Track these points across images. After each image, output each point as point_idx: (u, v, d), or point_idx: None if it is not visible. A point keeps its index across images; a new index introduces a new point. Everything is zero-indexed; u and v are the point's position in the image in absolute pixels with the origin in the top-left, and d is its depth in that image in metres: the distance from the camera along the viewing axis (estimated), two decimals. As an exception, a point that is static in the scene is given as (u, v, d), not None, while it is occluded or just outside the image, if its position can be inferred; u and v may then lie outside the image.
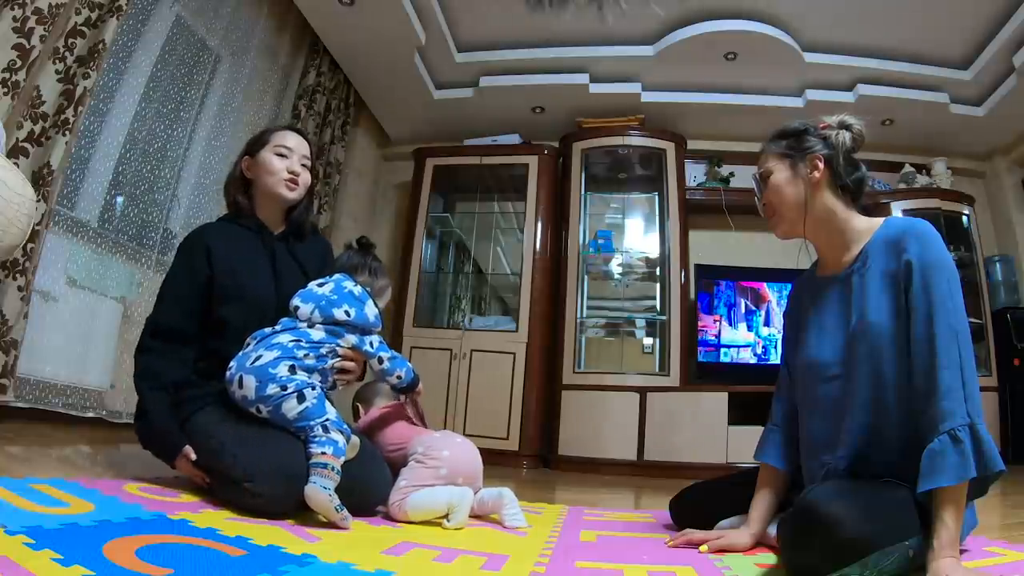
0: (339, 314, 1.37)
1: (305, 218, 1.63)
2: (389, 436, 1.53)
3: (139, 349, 1.42)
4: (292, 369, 1.28)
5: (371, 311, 1.42)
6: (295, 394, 1.25)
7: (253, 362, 1.28)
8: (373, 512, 1.37)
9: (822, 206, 1.17)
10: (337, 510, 1.16)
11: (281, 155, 1.52)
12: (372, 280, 1.49)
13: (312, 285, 1.43)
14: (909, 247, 1.04)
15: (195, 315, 1.44)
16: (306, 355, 1.31)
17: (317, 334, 1.35)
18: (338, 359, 1.37)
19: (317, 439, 1.23)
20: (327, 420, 1.26)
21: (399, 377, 1.44)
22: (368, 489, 1.34)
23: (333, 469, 1.19)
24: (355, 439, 1.32)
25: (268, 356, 1.29)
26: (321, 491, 1.15)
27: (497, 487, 1.42)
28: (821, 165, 1.17)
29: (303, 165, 1.56)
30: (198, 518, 1.10)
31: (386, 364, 1.42)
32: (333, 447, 1.22)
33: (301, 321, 1.37)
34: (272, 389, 1.25)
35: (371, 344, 1.41)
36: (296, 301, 1.39)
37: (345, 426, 1.29)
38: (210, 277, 1.45)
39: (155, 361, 1.40)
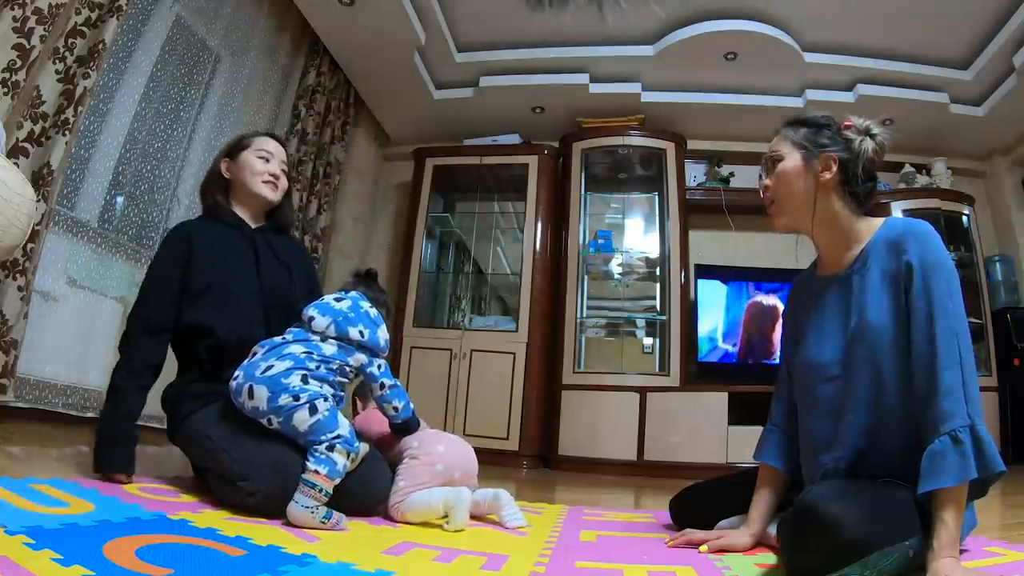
0: (354, 333, 1.36)
1: (288, 217, 1.70)
2: (389, 436, 1.52)
3: (128, 344, 1.42)
4: (304, 379, 1.27)
5: (383, 336, 1.42)
6: (307, 405, 1.24)
7: (264, 372, 1.26)
8: (373, 512, 1.37)
9: (827, 208, 1.15)
10: (324, 520, 1.15)
11: (263, 158, 1.59)
12: (384, 314, 1.52)
13: (329, 299, 1.42)
14: (909, 248, 1.04)
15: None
16: (317, 367, 1.30)
17: (329, 348, 1.34)
18: (347, 380, 1.37)
19: (316, 455, 1.21)
20: (337, 437, 1.23)
21: (396, 408, 1.42)
22: (368, 489, 1.34)
23: (321, 491, 1.17)
24: (364, 446, 1.31)
25: (280, 366, 1.27)
26: (302, 510, 1.14)
27: (493, 488, 1.41)
28: (834, 167, 1.14)
29: (282, 169, 1.63)
30: (198, 518, 1.10)
31: (387, 391, 1.41)
32: (329, 468, 1.19)
33: (314, 333, 1.36)
34: (284, 399, 1.23)
35: (378, 367, 1.40)
36: (312, 312, 1.38)
37: (356, 444, 1.27)
38: (189, 261, 1.47)
39: (143, 356, 1.41)
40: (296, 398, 1.24)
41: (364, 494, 1.33)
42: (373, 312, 1.43)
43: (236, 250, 1.54)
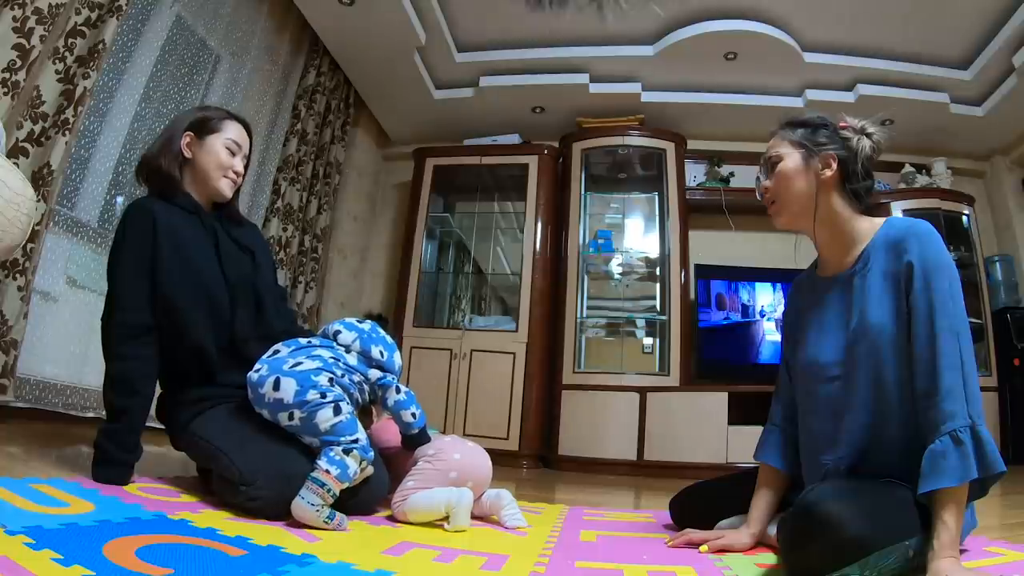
0: (375, 352, 1.40)
1: (238, 214, 1.61)
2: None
3: (118, 357, 1.32)
4: (331, 381, 1.28)
5: (398, 360, 1.46)
6: (332, 404, 1.24)
7: (292, 366, 1.27)
8: (372, 511, 1.37)
9: (827, 207, 1.15)
10: (327, 520, 1.15)
11: (230, 150, 1.46)
12: None
13: (352, 320, 1.46)
14: (910, 248, 1.04)
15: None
16: (343, 375, 1.32)
17: (352, 359, 1.37)
18: (362, 400, 1.38)
19: (330, 456, 1.20)
20: (355, 441, 1.24)
21: (413, 416, 1.40)
22: (368, 489, 1.34)
23: (329, 491, 1.16)
24: (369, 468, 1.30)
25: (310, 364, 1.29)
26: (308, 507, 1.14)
27: (495, 488, 1.42)
28: (835, 165, 1.14)
29: (244, 165, 1.53)
30: (198, 518, 1.10)
31: (403, 397, 1.40)
32: (341, 470, 1.19)
33: (339, 345, 1.39)
34: (312, 395, 1.24)
35: (391, 378, 1.42)
36: (338, 327, 1.42)
37: (371, 453, 1.27)
38: (155, 254, 1.35)
39: (139, 368, 1.33)
40: (323, 396, 1.24)
41: (366, 496, 1.33)
42: (389, 339, 1.47)
43: (198, 240, 1.43)
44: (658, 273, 3.82)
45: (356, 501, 1.29)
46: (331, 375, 1.29)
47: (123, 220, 1.39)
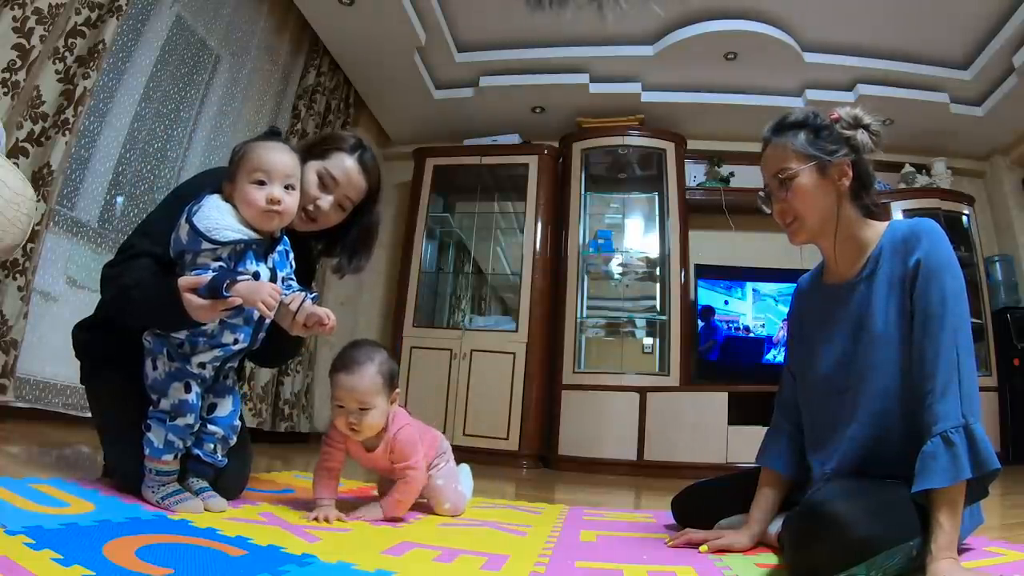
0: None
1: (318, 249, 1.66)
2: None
3: (114, 265, 1.23)
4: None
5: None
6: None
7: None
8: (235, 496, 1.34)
9: (843, 215, 1.12)
10: (160, 501, 1.15)
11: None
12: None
13: None
14: (917, 247, 1.03)
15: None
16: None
17: None
18: None
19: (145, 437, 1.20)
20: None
21: None
22: (230, 475, 1.33)
23: (155, 471, 1.18)
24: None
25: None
26: (148, 492, 1.18)
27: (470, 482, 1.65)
28: (850, 172, 1.10)
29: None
30: (198, 518, 1.10)
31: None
32: (149, 449, 1.19)
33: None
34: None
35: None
36: None
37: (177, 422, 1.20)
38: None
39: (134, 272, 1.19)
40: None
41: (230, 480, 1.33)
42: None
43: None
44: (658, 273, 3.82)
45: (222, 485, 1.27)
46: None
47: (183, 192, 1.32)
